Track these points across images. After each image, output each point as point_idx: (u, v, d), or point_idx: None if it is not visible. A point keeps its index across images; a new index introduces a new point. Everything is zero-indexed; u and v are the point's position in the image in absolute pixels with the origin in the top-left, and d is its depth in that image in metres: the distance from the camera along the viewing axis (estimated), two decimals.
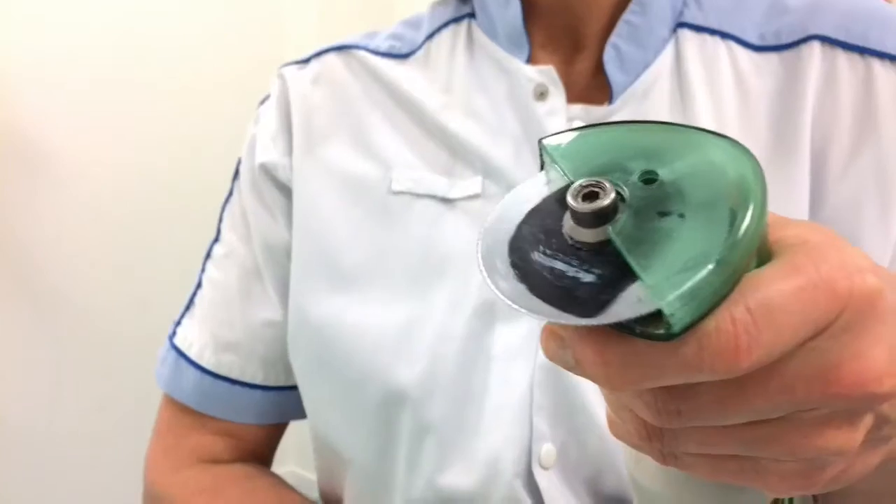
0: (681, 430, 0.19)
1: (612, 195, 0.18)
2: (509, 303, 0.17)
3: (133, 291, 1.23)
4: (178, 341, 0.51)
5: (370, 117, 0.47)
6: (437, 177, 0.45)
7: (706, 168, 0.18)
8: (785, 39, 0.42)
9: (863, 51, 0.40)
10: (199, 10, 1.29)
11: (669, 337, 0.16)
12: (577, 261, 0.18)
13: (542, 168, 0.21)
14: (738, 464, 0.20)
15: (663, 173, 0.18)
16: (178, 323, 0.52)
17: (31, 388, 1.18)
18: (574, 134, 0.20)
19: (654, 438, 0.20)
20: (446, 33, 0.48)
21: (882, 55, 0.40)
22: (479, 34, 0.47)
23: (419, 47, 0.49)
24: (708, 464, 0.20)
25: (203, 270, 0.52)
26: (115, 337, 1.24)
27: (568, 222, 0.18)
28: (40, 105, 1.17)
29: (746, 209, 0.17)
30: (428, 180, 0.45)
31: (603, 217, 0.18)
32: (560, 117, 0.43)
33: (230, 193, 0.52)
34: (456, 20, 0.49)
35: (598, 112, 0.43)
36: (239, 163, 0.51)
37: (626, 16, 0.43)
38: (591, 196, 0.18)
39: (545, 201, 0.20)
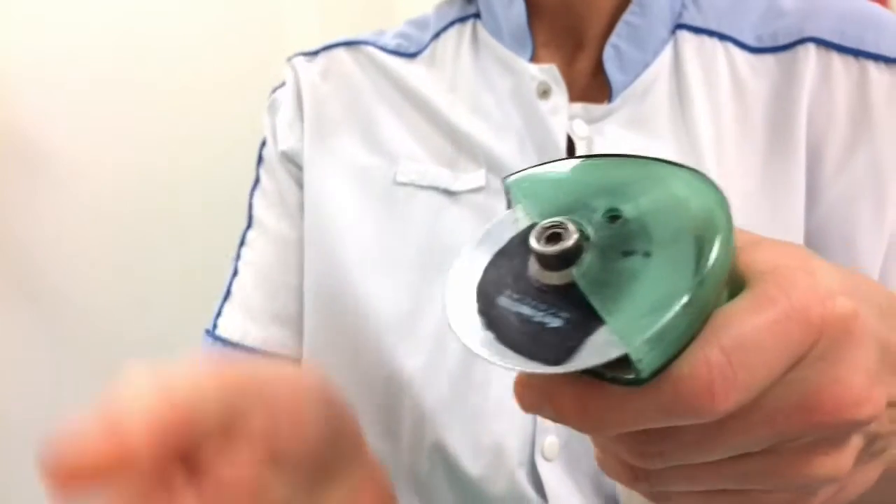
0: (666, 469, 0.19)
1: (575, 236, 0.17)
2: (478, 353, 0.17)
3: (133, 291, 1.23)
4: (221, 332, 0.50)
5: (378, 110, 0.48)
6: (441, 169, 0.45)
7: (670, 202, 0.18)
8: (781, 41, 0.42)
9: (858, 53, 0.41)
10: (200, 10, 1.28)
11: (639, 382, 0.16)
12: (543, 305, 0.17)
13: (508, 206, 0.21)
14: (728, 498, 0.20)
15: (627, 210, 0.18)
16: (219, 314, 0.51)
17: (30, 388, 1.18)
18: (539, 170, 0.20)
19: (641, 479, 0.20)
20: (452, 32, 0.49)
21: (877, 57, 0.41)
22: (483, 34, 0.48)
23: (425, 47, 0.50)
24: (699, 500, 0.20)
25: (238, 258, 0.51)
26: (115, 337, 1.24)
27: (533, 265, 0.18)
28: (40, 105, 1.17)
29: (713, 243, 0.16)
30: (432, 172, 0.45)
31: (567, 259, 0.17)
32: (562, 115, 0.43)
33: (257, 180, 0.52)
34: (461, 20, 0.50)
35: (599, 111, 0.44)
36: (262, 147, 0.52)
37: (626, 16, 0.43)
38: (553, 238, 0.17)
39: (511, 242, 0.19)
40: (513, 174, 0.20)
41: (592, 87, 0.45)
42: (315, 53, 0.52)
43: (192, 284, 1.20)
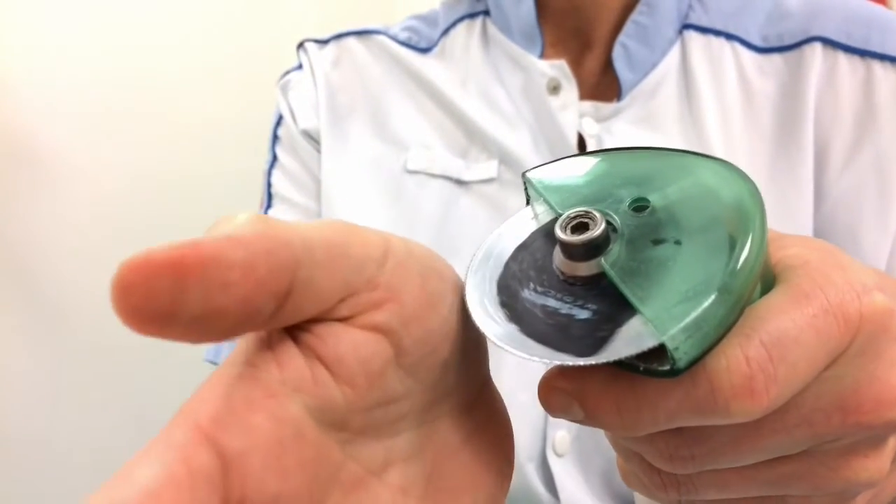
0: (697, 475, 0.18)
1: (603, 225, 0.17)
2: (501, 345, 0.16)
3: None
4: None
5: (390, 97, 0.48)
6: (452, 158, 0.45)
7: (699, 192, 0.17)
8: (787, 41, 0.43)
9: (863, 53, 0.41)
10: (200, 9, 1.28)
11: (675, 373, 0.15)
12: (570, 297, 0.17)
13: (527, 202, 0.20)
14: None
15: (654, 199, 0.17)
16: None
17: (30, 390, 1.18)
18: (559, 164, 0.19)
19: (670, 487, 0.19)
20: (461, 28, 0.50)
21: (882, 57, 0.41)
22: (493, 30, 0.48)
23: (436, 43, 0.50)
24: None
25: None
26: (116, 337, 1.24)
27: (558, 256, 0.17)
28: (40, 105, 1.17)
29: (747, 232, 0.16)
30: (443, 161, 0.45)
31: (594, 249, 0.16)
32: (572, 111, 0.44)
33: (274, 158, 0.51)
34: (471, 16, 0.50)
35: (608, 109, 0.44)
36: (277, 127, 0.51)
37: (635, 16, 0.44)
38: (580, 227, 0.17)
39: (533, 236, 0.19)
40: (532, 168, 0.20)
41: (601, 85, 0.45)
42: (326, 41, 0.51)
43: None
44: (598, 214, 0.17)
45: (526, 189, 0.20)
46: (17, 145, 1.11)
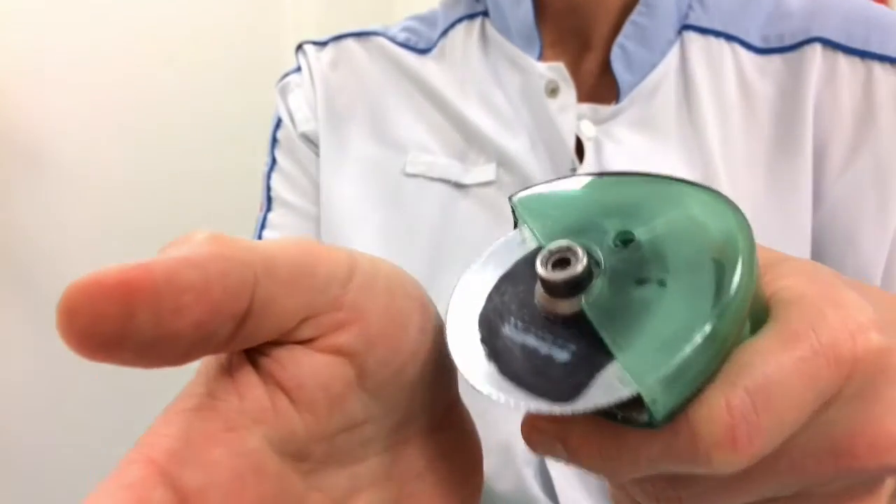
0: None
1: (584, 262, 0.16)
2: (477, 387, 0.15)
3: None
4: None
5: (388, 100, 0.48)
6: (451, 161, 0.45)
7: (687, 226, 0.16)
8: (787, 42, 0.43)
9: (864, 54, 0.41)
10: (200, 10, 1.28)
11: (653, 424, 0.15)
12: (550, 335, 0.16)
13: (515, 225, 0.19)
14: None
15: (640, 233, 0.16)
16: None
17: (29, 390, 1.18)
18: (547, 188, 0.18)
19: None
20: (460, 29, 0.49)
21: (882, 58, 0.41)
22: (492, 31, 0.48)
23: (434, 45, 0.49)
24: None
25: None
26: None
27: (539, 292, 0.16)
28: (40, 105, 1.16)
29: (734, 272, 0.15)
30: (442, 165, 0.45)
31: (576, 286, 0.16)
32: (570, 114, 0.43)
33: (273, 161, 0.51)
34: (470, 17, 0.50)
35: (606, 111, 0.44)
36: (276, 130, 0.51)
37: (634, 17, 0.43)
38: (561, 262, 0.16)
39: (517, 265, 0.18)
40: (519, 192, 0.19)
41: (600, 87, 0.45)
42: (324, 43, 0.51)
43: None
44: (579, 250, 0.16)
45: (513, 212, 0.19)
46: (18, 145, 1.11)
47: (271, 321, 0.14)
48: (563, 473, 0.39)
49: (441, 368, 0.18)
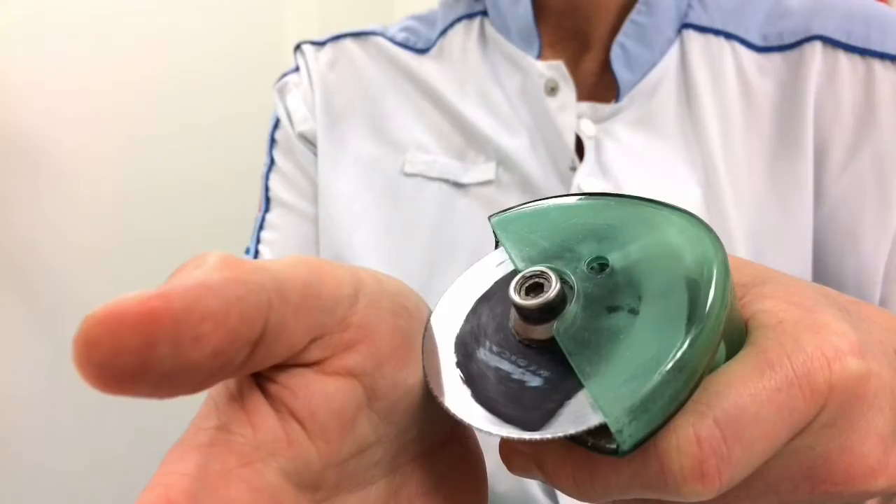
0: None
1: (557, 288, 0.16)
2: (451, 412, 0.16)
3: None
4: None
5: (387, 99, 0.48)
6: (450, 160, 0.45)
7: (661, 252, 0.16)
8: (787, 40, 0.43)
9: (864, 52, 0.41)
10: (199, 9, 1.28)
11: (620, 453, 0.14)
12: (524, 360, 0.16)
13: (496, 245, 0.19)
14: None
15: (614, 259, 0.16)
16: None
17: (29, 389, 1.18)
18: (525, 210, 0.18)
19: None
20: (459, 29, 0.49)
21: (883, 56, 0.41)
22: (491, 30, 0.48)
23: (433, 44, 0.49)
24: None
25: (258, 241, 0.50)
26: None
27: (514, 316, 0.16)
28: (40, 105, 1.17)
29: (706, 300, 0.15)
30: (441, 164, 0.45)
31: (549, 312, 0.16)
32: (570, 113, 0.43)
33: (272, 162, 0.51)
34: (469, 16, 0.50)
35: (606, 110, 0.44)
36: (274, 130, 0.51)
37: (633, 16, 0.43)
38: (535, 288, 0.16)
39: (495, 287, 0.18)
40: (498, 213, 0.19)
41: (599, 86, 0.45)
42: (322, 44, 0.51)
43: None
44: (553, 276, 0.16)
45: (494, 233, 0.19)
46: (18, 145, 1.11)
47: (282, 344, 0.14)
48: None
49: None
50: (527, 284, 0.16)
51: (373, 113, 0.48)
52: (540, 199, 0.19)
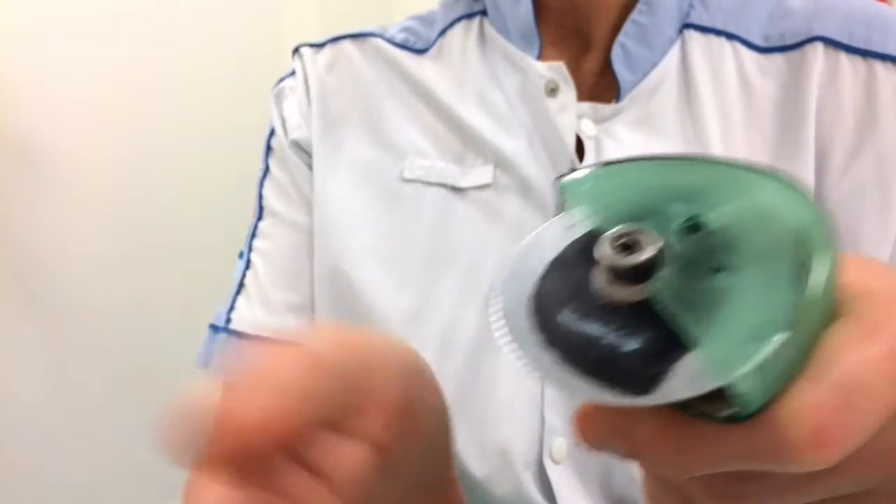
0: None
1: (657, 246, 0.15)
2: (539, 378, 0.15)
3: (133, 291, 1.23)
4: (235, 325, 0.48)
5: (385, 103, 0.48)
6: (448, 165, 0.45)
7: (760, 213, 0.15)
8: (789, 41, 0.43)
9: (865, 53, 0.41)
10: (199, 12, 1.28)
11: (737, 419, 0.14)
12: (612, 324, 0.15)
13: (561, 209, 0.18)
14: None
15: (710, 220, 0.16)
16: (232, 308, 0.49)
17: (29, 389, 1.18)
18: (597, 171, 0.18)
19: None
20: (458, 29, 0.49)
21: (884, 57, 0.41)
22: (491, 30, 0.48)
23: (432, 44, 0.49)
24: None
25: (250, 250, 0.50)
26: (116, 336, 1.24)
27: (599, 277, 0.16)
28: (40, 105, 1.16)
29: (821, 261, 0.14)
30: (439, 168, 0.45)
31: (644, 273, 0.15)
32: (570, 114, 0.43)
33: (266, 170, 0.51)
34: (468, 16, 0.49)
35: (607, 110, 0.44)
36: (270, 137, 0.51)
37: (634, 16, 0.43)
38: (627, 247, 0.15)
39: (568, 250, 0.17)
40: (566, 174, 0.18)
41: (600, 86, 0.45)
42: (321, 45, 0.51)
43: (193, 284, 1.20)
44: (653, 234, 0.15)
45: (560, 195, 0.18)
46: (17, 145, 1.11)
47: (323, 415, 0.16)
48: (562, 477, 0.39)
49: (445, 441, 0.20)
50: (619, 243, 0.15)
51: (370, 116, 0.48)
52: (608, 162, 0.18)
